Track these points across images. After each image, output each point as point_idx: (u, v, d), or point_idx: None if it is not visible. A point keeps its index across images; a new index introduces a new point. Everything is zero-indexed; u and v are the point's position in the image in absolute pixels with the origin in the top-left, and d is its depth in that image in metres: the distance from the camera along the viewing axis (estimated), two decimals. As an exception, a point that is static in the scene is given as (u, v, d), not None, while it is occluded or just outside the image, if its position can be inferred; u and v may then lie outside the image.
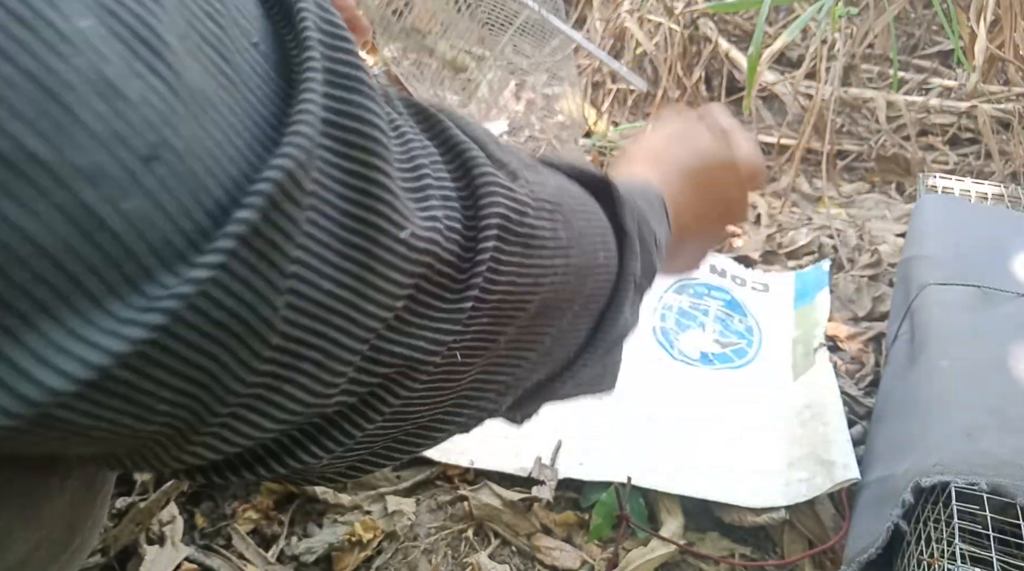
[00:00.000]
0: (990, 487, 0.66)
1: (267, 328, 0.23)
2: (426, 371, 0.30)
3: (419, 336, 0.29)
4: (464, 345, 0.31)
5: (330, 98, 0.24)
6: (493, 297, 0.31)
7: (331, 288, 0.25)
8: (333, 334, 0.25)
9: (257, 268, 0.22)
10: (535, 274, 0.33)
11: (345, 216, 0.25)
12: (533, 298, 0.33)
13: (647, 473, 0.86)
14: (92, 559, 0.71)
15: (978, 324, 0.89)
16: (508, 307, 0.32)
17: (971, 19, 1.59)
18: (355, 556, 0.76)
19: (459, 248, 0.30)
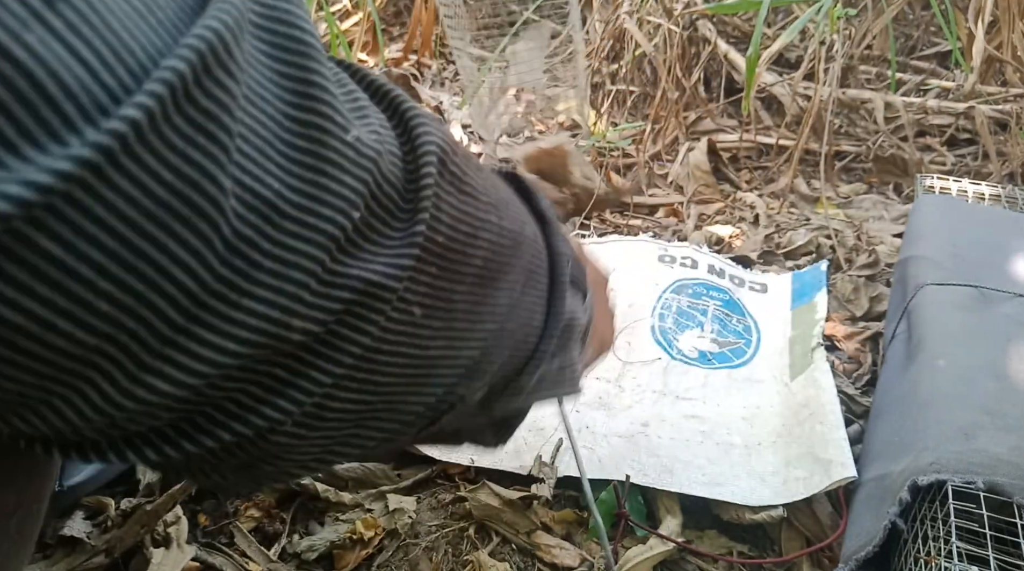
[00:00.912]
0: (987, 486, 0.67)
1: (217, 213, 0.21)
2: (387, 314, 0.28)
3: (373, 261, 0.27)
4: (420, 299, 0.29)
5: (256, 2, 0.24)
6: (439, 238, 0.29)
7: (280, 188, 0.23)
8: (289, 241, 0.24)
9: (193, 129, 0.21)
10: (472, 224, 0.31)
11: (286, 118, 0.24)
12: (475, 252, 0.32)
13: (646, 471, 0.86)
14: (96, 560, 0.72)
15: (975, 324, 0.90)
16: (454, 257, 0.31)
17: (969, 20, 1.60)
18: (356, 554, 0.76)
19: (400, 172, 0.28)
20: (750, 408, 0.98)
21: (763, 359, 1.08)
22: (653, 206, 1.51)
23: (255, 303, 0.23)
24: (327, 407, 0.28)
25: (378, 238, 0.27)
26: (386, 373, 0.29)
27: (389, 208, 0.28)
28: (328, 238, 0.25)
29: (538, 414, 0.96)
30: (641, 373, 1.03)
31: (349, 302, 0.26)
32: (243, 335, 0.24)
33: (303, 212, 0.24)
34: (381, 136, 0.28)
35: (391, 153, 0.28)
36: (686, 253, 1.26)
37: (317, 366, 0.27)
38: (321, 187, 0.24)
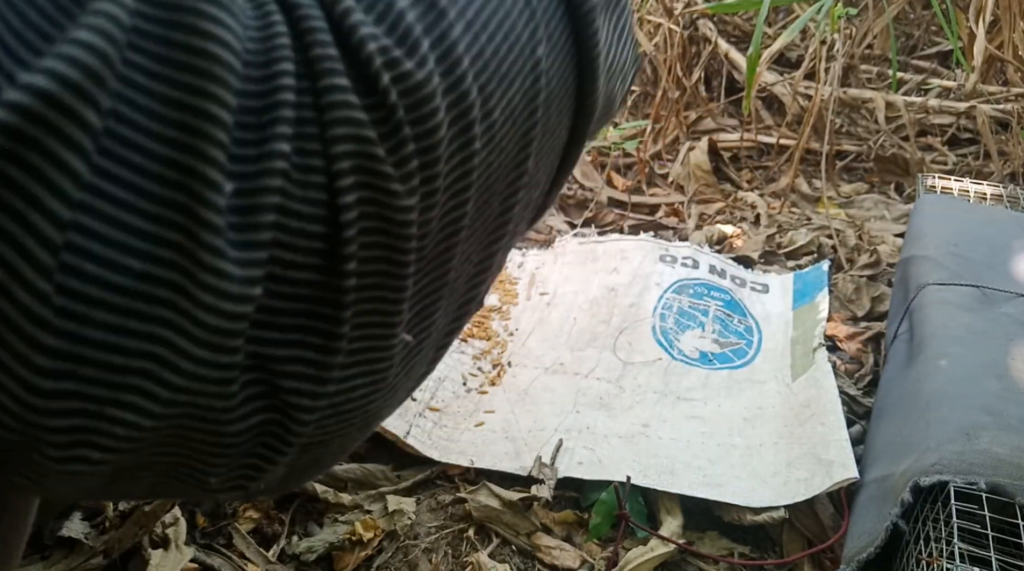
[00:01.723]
0: (989, 486, 0.66)
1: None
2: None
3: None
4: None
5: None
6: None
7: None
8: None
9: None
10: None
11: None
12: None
13: (647, 472, 0.86)
14: (94, 561, 0.71)
15: (977, 324, 0.89)
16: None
17: (970, 20, 1.60)
18: (355, 555, 0.76)
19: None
20: (751, 409, 0.98)
21: (764, 360, 1.07)
22: (654, 206, 1.50)
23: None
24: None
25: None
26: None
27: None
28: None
29: (538, 414, 0.96)
30: (642, 373, 1.03)
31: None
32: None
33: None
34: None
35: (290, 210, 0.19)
36: (687, 253, 1.26)
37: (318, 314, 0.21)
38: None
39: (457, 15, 0.21)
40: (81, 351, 0.17)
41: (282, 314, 0.20)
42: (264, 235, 0.18)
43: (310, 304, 0.20)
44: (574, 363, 1.06)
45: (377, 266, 0.21)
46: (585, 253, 1.28)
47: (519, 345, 1.10)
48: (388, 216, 0.20)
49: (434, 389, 0.98)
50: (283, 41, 0.18)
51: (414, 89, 0.19)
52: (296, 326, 0.20)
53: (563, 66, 0.26)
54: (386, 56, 0.19)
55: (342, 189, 0.19)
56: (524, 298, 1.20)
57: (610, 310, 1.14)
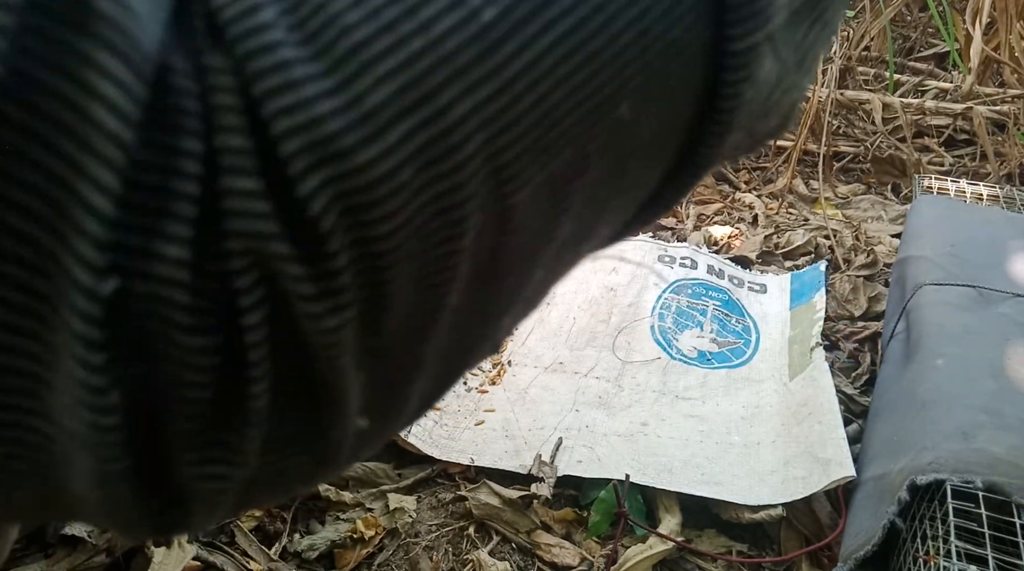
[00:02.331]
0: (985, 485, 0.67)
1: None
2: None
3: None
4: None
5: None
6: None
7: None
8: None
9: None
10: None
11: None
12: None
13: (645, 470, 0.86)
14: (97, 559, 0.72)
15: (973, 324, 0.90)
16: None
17: (967, 22, 1.60)
18: (357, 553, 0.76)
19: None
20: (749, 408, 0.98)
21: (762, 359, 1.08)
22: (652, 206, 1.51)
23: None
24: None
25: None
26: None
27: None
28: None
29: (538, 413, 0.96)
30: (641, 372, 1.04)
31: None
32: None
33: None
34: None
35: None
36: (686, 253, 1.27)
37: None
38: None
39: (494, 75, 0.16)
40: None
41: (177, 418, 0.17)
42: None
43: (208, 422, 0.17)
44: (573, 362, 1.06)
45: (297, 377, 0.17)
46: (584, 253, 1.28)
47: (519, 344, 1.10)
48: (310, 339, 0.16)
49: (434, 388, 0.99)
50: (189, 121, 0.14)
51: (359, 191, 0.15)
52: (195, 435, 0.17)
53: (671, 116, 0.20)
54: (316, 154, 0.14)
55: (245, 308, 0.15)
56: (523, 298, 1.20)
57: (609, 310, 1.15)
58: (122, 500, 0.18)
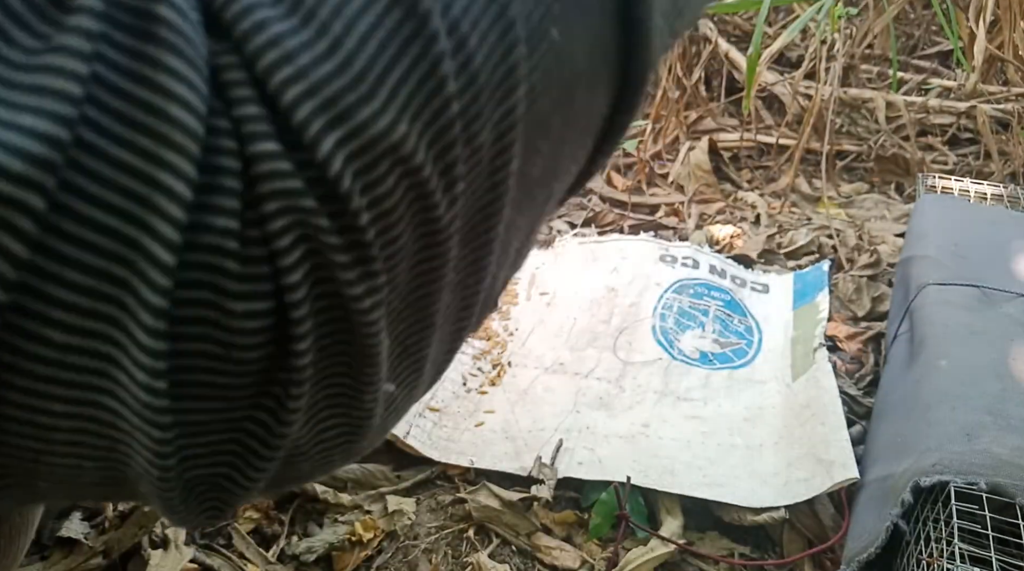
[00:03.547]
0: (989, 487, 0.66)
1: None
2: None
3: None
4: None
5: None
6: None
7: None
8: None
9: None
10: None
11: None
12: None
13: (647, 472, 0.86)
14: (94, 561, 0.71)
15: (977, 324, 0.89)
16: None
17: (970, 20, 1.60)
18: (355, 555, 0.76)
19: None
20: (751, 409, 0.98)
21: (764, 360, 1.07)
22: (654, 206, 1.50)
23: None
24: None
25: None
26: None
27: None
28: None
29: (538, 414, 0.96)
30: (642, 373, 1.03)
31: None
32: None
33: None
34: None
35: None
36: (687, 253, 1.26)
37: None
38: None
39: (453, 50, 0.17)
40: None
41: (229, 387, 0.18)
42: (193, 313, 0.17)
43: (260, 377, 0.18)
44: (574, 363, 1.06)
45: (336, 338, 0.19)
46: (585, 253, 1.28)
47: (519, 345, 1.10)
48: (343, 291, 0.18)
49: (434, 389, 0.98)
50: (213, 102, 0.16)
51: (366, 148, 0.16)
52: (246, 396, 0.19)
53: (594, 36, 0.22)
54: (324, 114, 0.16)
55: (286, 268, 0.17)
56: (524, 298, 1.20)
57: (610, 310, 1.14)
58: (171, 491, 0.20)
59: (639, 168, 1.57)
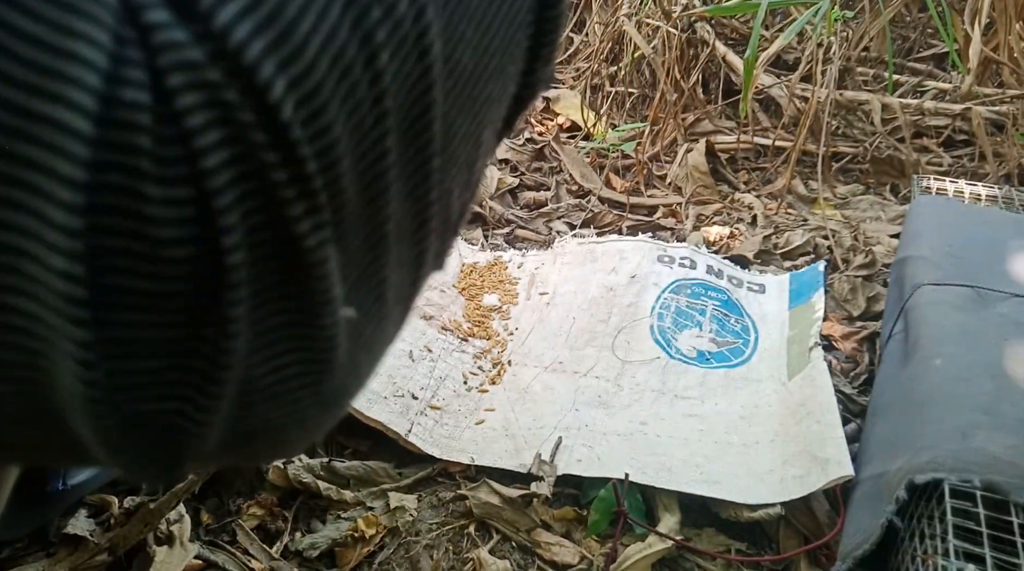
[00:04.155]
0: (983, 484, 0.67)
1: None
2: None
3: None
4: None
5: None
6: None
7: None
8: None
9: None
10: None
11: None
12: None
13: (645, 470, 0.87)
14: (100, 558, 0.72)
15: (971, 324, 0.90)
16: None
17: (965, 22, 1.61)
18: (358, 551, 0.77)
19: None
20: (748, 407, 0.99)
21: (761, 359, 1.08)
22: (652, 207, 1.51)
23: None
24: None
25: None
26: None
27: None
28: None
29: (538, 412, 0.97)
30: (640, 372, 1.04)
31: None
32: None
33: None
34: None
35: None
36: (685, 254, 1.27)
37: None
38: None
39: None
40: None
41: (157, 296, 0.17)
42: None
43: (192, 287, 0.17)
44: (573, 362, 1.07)
45: (274, 247, 0.18)
46: (584, 253, 1.28)
47: (519, 344, 1.10)
48: (275, 193, 0.17)
49: (435, 388, 0.99)
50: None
51: (286, 37, 0.16)
52: (178, 309, 0.18)
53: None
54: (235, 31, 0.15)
55: (202, 149, 0.16)
56: (524, 298, 1.21)
57: (609, 310, 1.15)
58: (110, 429, 0.18)
59: (637, 170, 1.58)
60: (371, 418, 0.89)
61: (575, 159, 1.61)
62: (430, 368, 1.02)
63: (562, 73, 2.03)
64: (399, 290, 0.24)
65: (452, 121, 0.22)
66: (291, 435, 0.24)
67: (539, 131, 1.77)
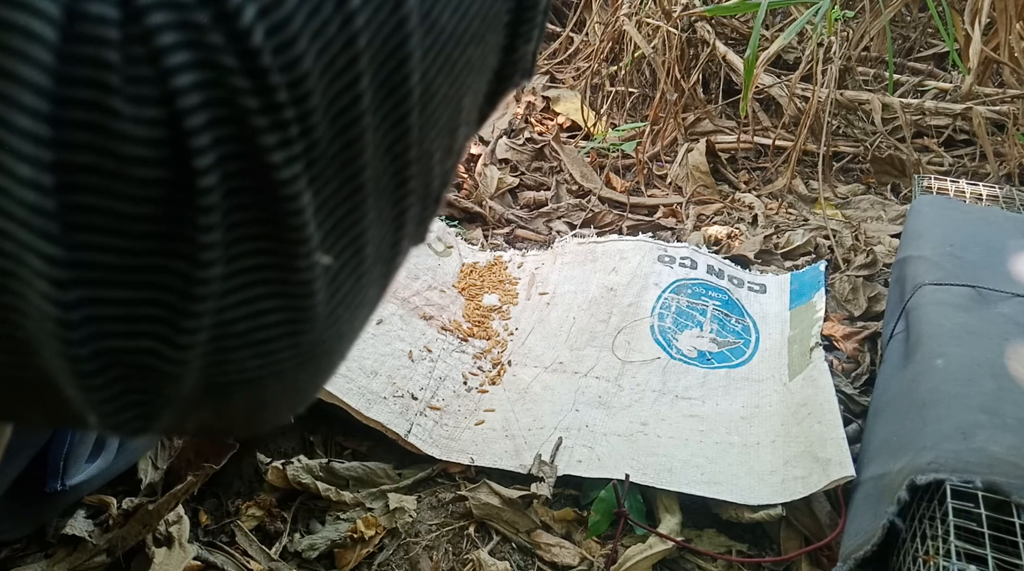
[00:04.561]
0: (985, 485, 0.67)
1: None
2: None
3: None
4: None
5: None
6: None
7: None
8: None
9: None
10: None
11: None
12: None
13: (645, 470, 0.87)
14: (98, 559, 0.72)
15: (972, 324, 0.90)
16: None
17: (966, 22, 1.60)
18: (357, 553, 0.76)
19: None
20: (749, 407, 0.98)
21: (762, 359, 1.08)
22: (652, 206, 1.51)
23: None
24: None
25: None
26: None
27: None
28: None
29: (538, 413, 0.96)
30: (640, 372, 1.04)
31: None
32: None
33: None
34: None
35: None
36: (685, 253, 1.27)
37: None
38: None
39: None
40: None
41: (128, 218, 0.17)
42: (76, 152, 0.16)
43: (163, 212, 0.17)
44: (573, 362, 1.06)
45: (246, 181, 0.18)
46: (584, 253, 1.28)
47: (519, 344, 1.10)
48: (248, 121, 0.17)
49: (435, 388, 0.99)
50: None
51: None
52: (150, 234, 0.17)
53: None
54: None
55: (173, 68, 0.16)
56: (524, 298, 1.21)
57: (609, 310, 1.15)
58: (83, 362, 0.18)
59: (637, 169, 1.58)
60: (370, 419, 0.89)
61: (575, 159, 1.61)
62: (430, 368, 1.02)
63: (562, 73, 2.03)
64: (379, 249, 0.24)
65: (431, 81, 0.22)
66: (269, 392, 0.23)
67: (539, 131, 1.77)
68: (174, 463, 0.80)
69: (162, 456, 0.81)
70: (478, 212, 1.44)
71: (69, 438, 0.66)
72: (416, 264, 1.20)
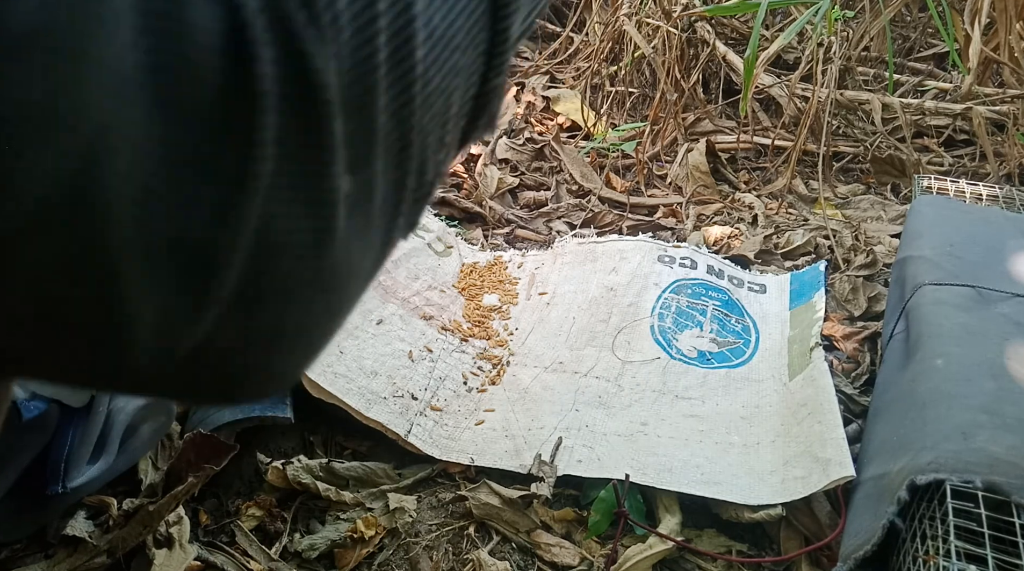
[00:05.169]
0: (985, 485, 0.67)
1: None
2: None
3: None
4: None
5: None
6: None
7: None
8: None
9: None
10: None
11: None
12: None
13: (645, 470, 0.87)
14: (98, 560, 0.72)
15: (972, 324, 0.90)
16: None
17: (966, 22, 1.61)
18: (357, 552, 0.76)
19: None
20: (749, 407, 0.98)
21: (762, 359, 1.08)
22: (652, 206, 1.51)
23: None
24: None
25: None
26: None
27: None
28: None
29: (538, 413, 0.96)
30: (640, 372, 1.04)
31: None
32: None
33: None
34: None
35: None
36: (685, 253, 1.27)
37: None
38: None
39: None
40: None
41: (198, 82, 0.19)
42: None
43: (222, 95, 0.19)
44: (573, 362, 1.06)
45: (294, 87, 0.20)
46: (584, 253, 1.28)
47: (519, 344, 1.10)
48: (302, 41, 0.20)
49: (435, 388, 0.99)
50: None
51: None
52: (207, 118, 0.19)
53: None
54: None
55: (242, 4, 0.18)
56: (524, 298, 1.21)
57: (609, 310, 1.15)
58: (151, 238, 0.20)
59: (638, 169, 1.58)
60: (371, 419, 0.89)
61: (575, 159, 1.61)
62: (430, 368, 1.02)
63: (562, 73, 2.03)
64: (383, 203, 0.26)
65: (428, 66, 0.24)
66: (288, 318, 0.25)
67: (539, 131, 1.77)
68: (174, 464, 0.80)
69: (162, 457, 0.81)
70: (478, 212, 1.44)
71: (70, 440, 0.66)
72: (416, 264, 1.20)
